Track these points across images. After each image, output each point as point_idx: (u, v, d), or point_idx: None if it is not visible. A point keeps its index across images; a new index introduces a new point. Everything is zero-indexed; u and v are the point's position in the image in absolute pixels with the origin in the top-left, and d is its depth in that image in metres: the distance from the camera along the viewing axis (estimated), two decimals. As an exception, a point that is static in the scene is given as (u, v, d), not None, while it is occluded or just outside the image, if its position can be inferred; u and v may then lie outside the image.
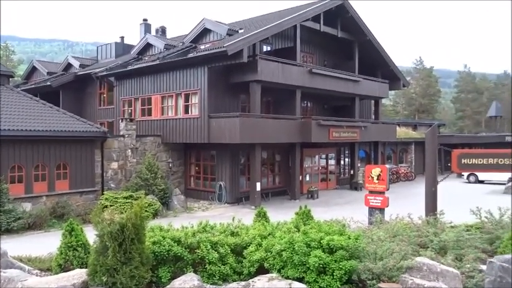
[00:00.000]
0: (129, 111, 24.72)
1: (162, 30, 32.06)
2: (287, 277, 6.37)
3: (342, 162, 29.82)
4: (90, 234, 6.90)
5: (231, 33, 22.71)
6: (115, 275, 5.90)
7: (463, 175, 31.48)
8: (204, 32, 24.22)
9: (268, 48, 24.50)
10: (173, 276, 6.53)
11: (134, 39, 37.06)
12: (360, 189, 25.18)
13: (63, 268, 7.23)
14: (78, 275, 6.34)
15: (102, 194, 18.52)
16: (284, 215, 12.60)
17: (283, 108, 23.72)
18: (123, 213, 6.40)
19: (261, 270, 6.79)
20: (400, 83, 31.31)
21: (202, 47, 22.94)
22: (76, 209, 17.58)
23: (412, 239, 7.85)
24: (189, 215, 18.73)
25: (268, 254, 6.78)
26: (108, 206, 16.59)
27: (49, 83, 27.73)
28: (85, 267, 6.66)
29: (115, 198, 17.63)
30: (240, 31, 23.03)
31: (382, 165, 20.36)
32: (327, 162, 28.00)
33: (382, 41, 28.41)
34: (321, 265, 6.19)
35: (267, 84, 21.15)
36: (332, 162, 28.48)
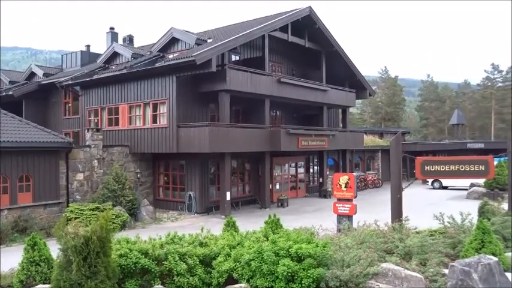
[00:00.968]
0: (96, 121, 24.24)
1: (129, 39, 31.68)
2: (256, 287, 6.38)
3: (311, 170, 30.16)
4: (54, 249, 6.70)
5: (199, 42, 22.70)
6: (80, 290, 5.75)
7: (427, 181, 32.37)
8: (172, 41, 24.11)
9: (237, 58, 24.62)
10: (140, 290, 6.43)
11: (101, 47, 36.52)
12: (329, 197, 25.49)
13: (25, 284, 6.98)
14: (41, 291, 6.14)
15: (68, 206, 18.00)
16: (254, 224, 12.63)
17: (252, 117, 23.83)
18: (88, 226, 6.26)
19: (230, 281, 6.78)
20: (366, 92, 32.04)
21: (170, 56, 22.80)
22: (40, 222, 17.00)
23: (379, 246, 8.01)
24: (158, 226, 18.45)
25: (237, 264, 6.78)
26: (73, 218, 16.13)
27: (11, 93, 26.83)
28: (48, 283, 6.47)
29: (81, 210, 17.18)
30: (208, 40, 23.07)
31: (350, 173, 20.73)
32: (296, 171, 28.25)
33: (349, 50, 29.16)
34: (290, 273, 6.24)
35: (236, 94, 21.22)
36: (301, 170, 28.76)
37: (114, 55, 26.30)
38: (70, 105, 27.58)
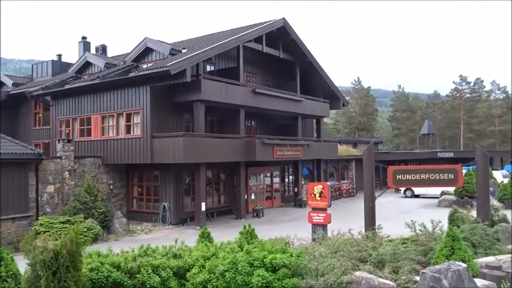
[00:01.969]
0: (67, 131, 23.72)
1: (102, 49, 31.27)
2: (230, 298, 6.34)
3: (287, 180, 30.27)
4: (22, 264, 6.49)
5: (173, 52, 22.62)
6: (48, 305, 5.58)
7: (400, 190, 32.96)
8: (146, 51, 23.94)
9: (212, 68, 24.63)
10: (112, 304, 6.29)
11: (73, 57, 35.90)
12: (304, 207, 25.61)
13: (-9, 301, 6.72)
14: (7, 308, 5.93)
15: (37, 219, 17.47)
16: (229, 234, 12.55)
17: (227, 128, 23.81)
18: (58, 239, 6.10)
19: (205, 293, 6.70)
20: (340, 102, 32.52)
21: (144, 66, 22.63)
22: (7, 236, 16.44)
23: (353, 254, 8.09)
24: (132, 238, 18.12)
25: (212, 275, 6.73)
26: (43, 232, 15.67)
27: (-22, 103, 26.05)
28: (15, 299, 6.24)
29: (51, 223, 16.70)
30: (183, 51, 23.01)
31: (324, 182, 20.91)
32: (271, 181, 28.31)
33: (323, 62, 29.54)
34: (264, 284, 6.22)
35: (211, 104, 21.19)
36: (277, 180, 28.85)
37: (87, 65, 25.91)
38: (40, 115, 26.95)
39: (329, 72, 30.24)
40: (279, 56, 26.43)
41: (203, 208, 20.30)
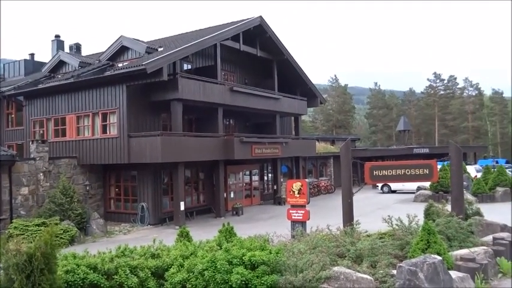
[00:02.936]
0: (41, 132, 23.20)
1: (76, 47, 30.66)
2: (210, 297, 6.31)
3: (266, 177, 30.34)
4: (-6, 268, 6.31)
5: (150, 51, 22.35)
6: (22, 310, 5.44)
7: (377, 186, 33.41)
8: (122, 49, 23.57)
9: (189, 67, 24.46)
10: (89, 306, 6.18)
11: (46, 56, 35.11)
12: (284, 204, 25.71)
13: (-38, 308, 6.52)
14: (-21, 313, 5.76)
15: (11, 222, 17.05)
16: (209, 233, 12.51)
17: (205, 126, 23.69)
18: (33, 242, 5.95)
19: (184, 292, 6.66)
20: (317, 100, 32.76)
21: (120, 65, 22.28)
22: (-21, 240, 15.98)
23: (331, 250, 8.17)
24: (110, 239, 17.85)
25: (191, 274, 6.69)
26: (16, 235, 15.29)
27: None
28: (-12, 305, 6.07)
29: (25, 226, 16.31)
30: (159, 49, 22.77)
31: (303, 179, 21.04)
32: (250, 179, 28.31)
33: (300, 59, 29.70)
34: (244, 282, 6.22)
35: (188, 103, 21.04)
36: (256, 178, 28.87)
37: (60, 64, 25.37)
38: (13, 116, 26.27)
39: (306, 70, 30.45)
40: (256, 54, 26.43)
41: (182, 207, 20.16)
